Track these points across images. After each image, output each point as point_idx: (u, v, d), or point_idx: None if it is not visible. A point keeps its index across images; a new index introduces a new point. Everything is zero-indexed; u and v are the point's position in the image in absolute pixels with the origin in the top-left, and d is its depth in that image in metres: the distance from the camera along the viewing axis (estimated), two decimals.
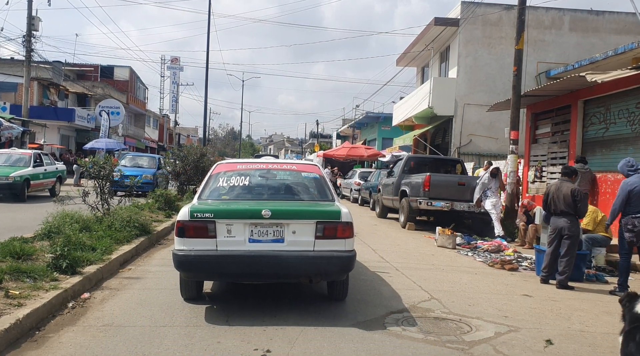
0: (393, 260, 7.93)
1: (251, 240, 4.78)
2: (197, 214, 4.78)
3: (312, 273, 4.85)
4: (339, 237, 4.83)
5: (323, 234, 4.80)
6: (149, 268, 6.87)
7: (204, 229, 4.75)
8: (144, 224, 8.75)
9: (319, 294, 5.74)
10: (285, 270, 4.81)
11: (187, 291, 5.26)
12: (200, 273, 4.96)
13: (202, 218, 4.76)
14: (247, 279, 5.21)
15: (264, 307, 5.13)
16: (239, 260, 4.72)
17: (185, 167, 17.10)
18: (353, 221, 5.00)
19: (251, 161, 6.42)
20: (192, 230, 4.76)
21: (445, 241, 9.74)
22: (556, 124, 12.92)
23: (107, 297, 5.37)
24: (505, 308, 5.51)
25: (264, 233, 4.80)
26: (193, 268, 4.84)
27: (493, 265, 8.00)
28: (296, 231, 4.80)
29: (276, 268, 4.78)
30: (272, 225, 4.79)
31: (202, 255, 4.72)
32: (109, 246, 7.05)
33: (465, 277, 7.04)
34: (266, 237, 4.80)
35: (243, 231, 4.77)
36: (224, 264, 4.76)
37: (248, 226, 4.78)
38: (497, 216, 11.41)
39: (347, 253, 4.85)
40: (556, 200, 6.79)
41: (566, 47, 20.42)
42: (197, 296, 5.31)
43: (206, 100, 29.56)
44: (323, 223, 4.82)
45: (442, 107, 20.77)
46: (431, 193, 11.89)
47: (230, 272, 4.86)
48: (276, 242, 4.79)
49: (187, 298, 5.27)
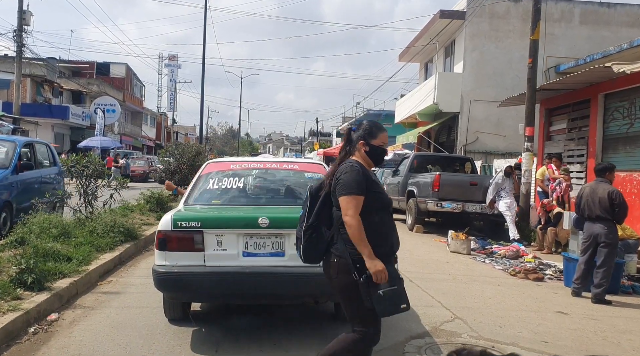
0: (405, 269, 7.14)
1: (245, 254, 4.03)
2: (181, 223, 4.00)
3: (319, 292, 4.00)
4: None
5: None
6: (131, 279, 6.10)
7: (189, 241, 3.98)
8: (130, 229, 7.97)
9: (325, 316, 4.94)
10: (287, 289, 4.02)
11: (170, 312, 4.51)
12: (185, 293, 4.13)
13: (187, 227, 3.98)
14: (240, 300, 4.44)
15: (261, 332, 4.38)
16: (231, 278, 3.95)
17: (180, 165, 16.36)
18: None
19: (246, 160, 5.60)
20: (175, 242, 3.99)
21: (459, 246, 8.97)
22: (573, 120, 12.14)
23: (78, 318, 4.60)
24: (541, 329, 4.74)
25: (261, 245, 4.06)
26: (176, 288, 4.05)
27: (515, 274, 7.23)
28: None
29: (276, 287, 3.98)
30: (270, 236, 4.06)
31: (187, 272, 3.95)
32: (87, 255, 6.28)
33: (488, 289, 6.27)
34: (263, 250, 4.06)
35: (236, 242, 4.02)
36: (213, 283, 3.96)
37: (242, 237, 4.04)
38: (512, 219, 10.63)
39: None
40: (591, 204, 6.02)
41: (576, 41, 19.62)
42: (183, 316, 4.53)
43: (202, 96, 28.79)
44: None
45: (448, 103, 19.98)
46: (441, 193, 11.10)
47: (221, 292, 4.05)
48: (275, 256, 4.05)
49: (171, 319, 4.52)
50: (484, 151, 19.84)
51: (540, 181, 10.85)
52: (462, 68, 20.02)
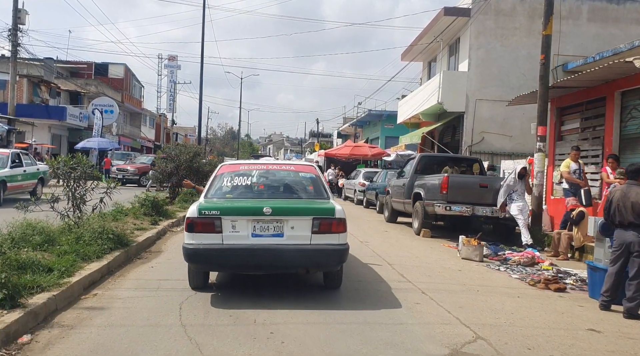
0: (416, 279, 6.63)
1: (253, 235, 5.17)
2: (204, 211, 5.19)
3: (309, 264, 5.30)
4: (333, 232, 5.21)
5: (319, 229, 5.16)
6: (119, 292, 5.57)
7: (211, 225, 5.14)
8: (120, 235, 7.45)
9: (315, 284, 6.08)
10: (285, 262, 5.20)
11: (194, 281, 5.64)
12: (207, 264, 5.39)
13: (209, 215, 5.16)
14: (249, 270, 5.61)
15: (264, 294, 4.68)
16: (242, 253, 5.13)
17: (177, 167, 15.80)
18: (346, 217, 5.32)
19: (252, 162, 6.98)
20: (200, 226, 5.15)
21: (471, 252, 8.44)
22: (586, 119, 11.62)
23: (54, 340, 4.08)
24: (574, 352, 4.21)
25: (265, 228, 5.19)
26: (201, 260, 5.26)
27: (534, 284, 6.69)
28: (294, 227, 5.19)
29: (276, 260, 5.16)
30: (272, 221, 5.18)
31: (209, 248, 5.14)
32: (71, 265, 5.76)
33: (508, 303, 5.74)
34: (267, 232, 5.19)
35: (246, 226, 5.17)
36: (229, 257, 5.16)
37: (251, 222, 5.18)
38: (524, 222, 10.10)
39: (341, 246, 5.25)
40: (622, 209, 5.49)
41: (584, 39, 19.07)
42: (204, 285, 5.69)
43: (201, 95, 28.27)
44: (319, 219, 5.19)
45: (453, 102, 19.46)
46: (450, 195, 10.56)
47: (235, 264, 5.27)
48: (276, 237, 5.17)
49: (194, 287, 5.63)
50: (490, 152, 19.32)
51: (566, 172, 9.91)
52: (467, 67, 19.52)
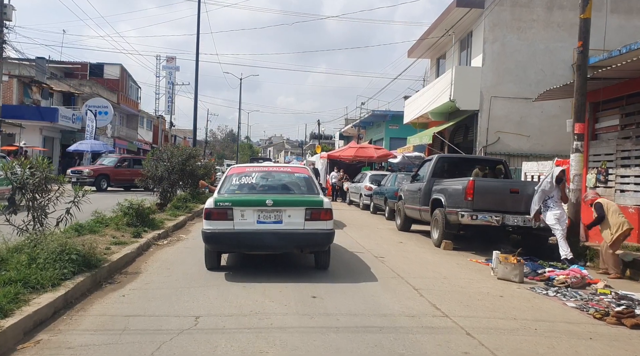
0: (454, 312, 5.27)
1: (258, 222, 6.55)
2: (219, 203, 6.62)
3: (303, 245, 6.66)
4: (322, 219, 6.60)
5: (310, 217, 6.55)
6: (71, 337, 4.21)
7: (224, 214, 6.52)
8: (87, 254, 6.10)
9: (307, 263, 7.51)
10: (283, 243, 6.60)
11: (210, 262, 6.92)
12: (222, 245, 6.76)
13: (223, 206, 6.58)
14: (255, 250, 6.93)
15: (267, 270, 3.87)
16: (249, 236, 6.53)
17: (169, 170, 14.45)
18: (332, 208, 6.78)
19: (256, 165, 8.82)
20: (216, 214, 6.54)
21: (510, 272, 7.07)
22: (628, 116, 10.27)
23: None
24: None
25: (267, 216, 6.56)
26: (216, 242, 6.64)
27: (602, 318, 5.34)
28: (291, 215, 6.58)
29: (276, 242, 6.56)
30: (273, 211, 6.57)
31: (223, 232, 6.53)
32: (11, 299, 4.43)
33: (582, 348, 4.38)
34: (269, 219, 6.56)
35: (252, 215, 6.55)
36: (239, 239, 6.55)
37: (256, 212, 6.56)
38: (562, 233, 8.71)
39: (328, 231, 6.65)
40: None
41: (607, 31, 17.70)
42: (217, 265, 7.00)
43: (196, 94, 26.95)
44: (310, 209, 6.59)
45: (466, 100, 18.14)
46: (476, 202, 9.18)
47: (243, 245, 6.67)
48: (276, 223, 6.56)
49: (210, 268, 6.90)
50: (506, 153, 17.96)
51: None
52: (482, 62, 18.21)
